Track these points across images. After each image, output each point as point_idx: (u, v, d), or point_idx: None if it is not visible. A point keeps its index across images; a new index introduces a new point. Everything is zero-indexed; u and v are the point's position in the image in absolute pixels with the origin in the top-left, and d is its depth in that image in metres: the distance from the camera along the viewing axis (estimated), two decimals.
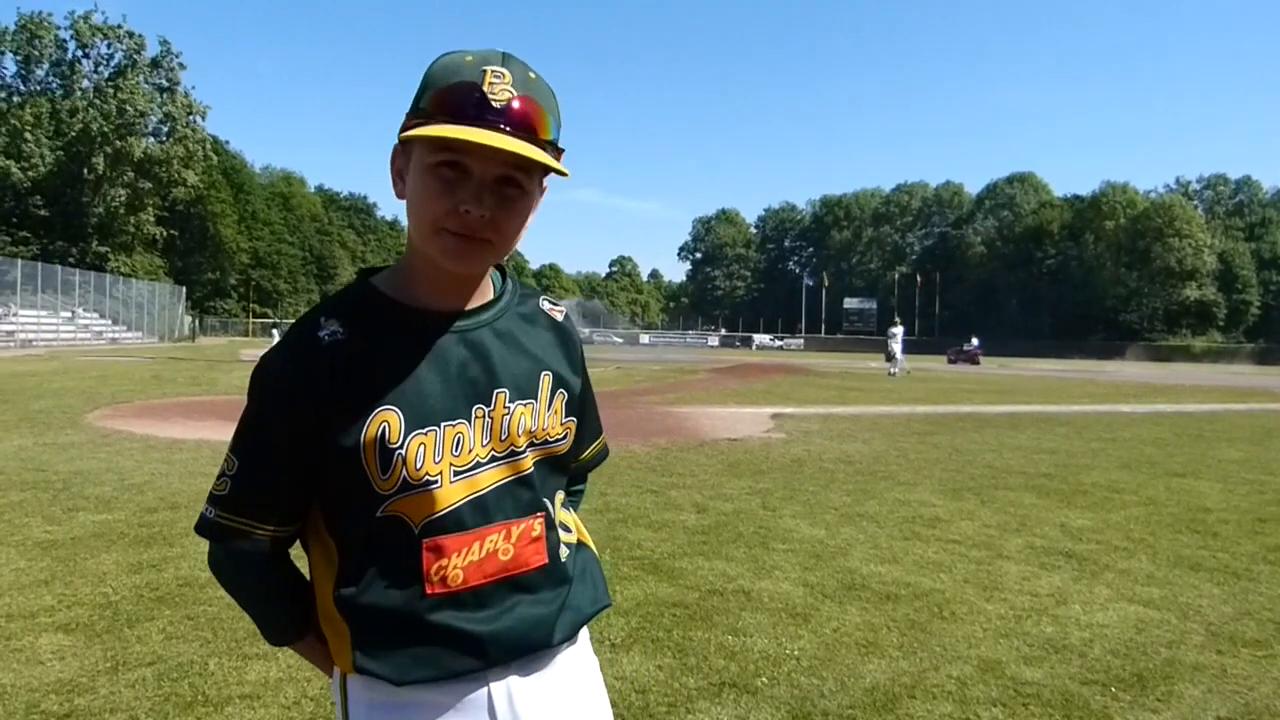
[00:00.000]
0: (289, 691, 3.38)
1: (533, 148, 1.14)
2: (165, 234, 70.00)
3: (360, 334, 1.22)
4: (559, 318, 1.41)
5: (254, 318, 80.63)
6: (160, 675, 3.49)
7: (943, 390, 23.59)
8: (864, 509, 7.06)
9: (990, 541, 6.08)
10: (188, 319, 64.83)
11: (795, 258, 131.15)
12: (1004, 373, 38.62)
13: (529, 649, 1.27)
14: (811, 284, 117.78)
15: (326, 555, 1.29)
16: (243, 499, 1.25)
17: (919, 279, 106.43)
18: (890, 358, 31.66)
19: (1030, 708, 3.41)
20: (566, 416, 1.35)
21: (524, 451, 1.28)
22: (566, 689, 1.34)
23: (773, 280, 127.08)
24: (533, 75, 1.18)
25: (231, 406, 13.93)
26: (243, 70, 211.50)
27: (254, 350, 42.94)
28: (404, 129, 1.17)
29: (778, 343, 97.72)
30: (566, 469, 1.41)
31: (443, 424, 1.22)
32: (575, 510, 1.50)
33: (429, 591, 1.21)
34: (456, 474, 1.22)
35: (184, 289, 66.27)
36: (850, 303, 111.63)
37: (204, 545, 4.38)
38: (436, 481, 1.21)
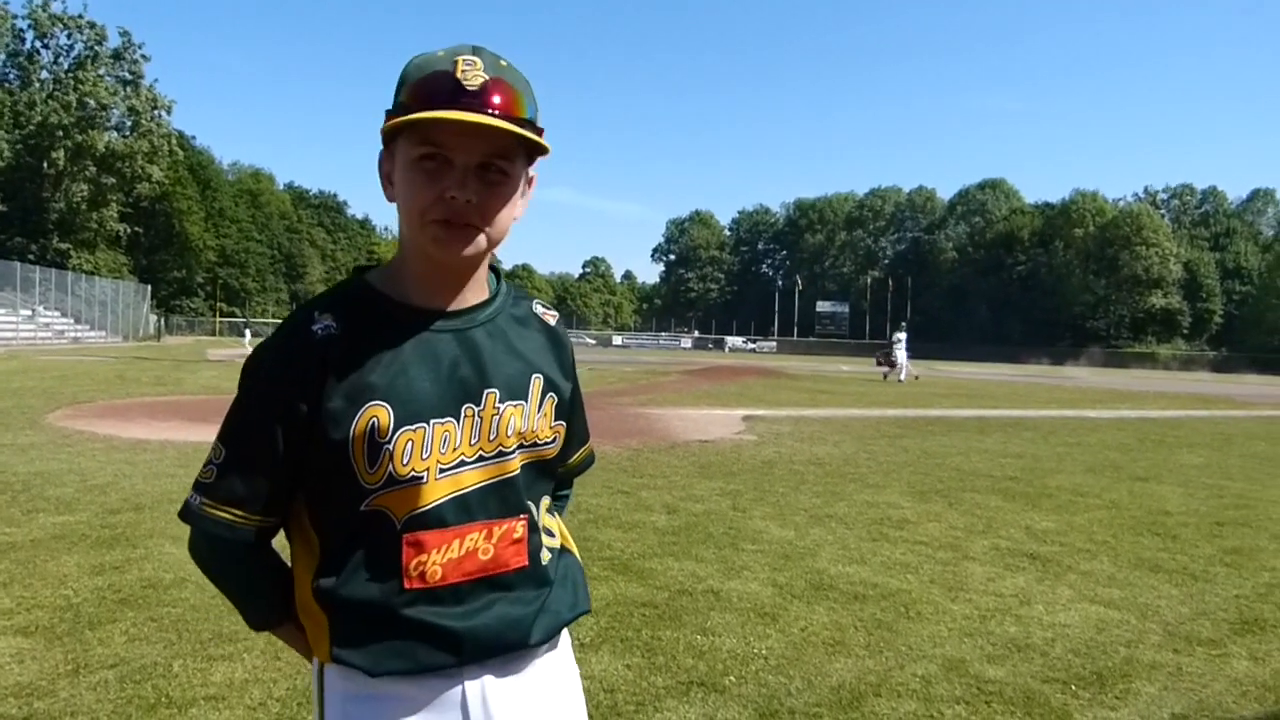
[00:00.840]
0: (255, 692, 3.35)
1: (505, 122, 1.16)
2: (129, 231, 68.90)
3: (353, 329, 1.24)
4: (551, 322, 1.44)
5: (221, 317, 79.70)
6: (123, 678, 3.45)
7: (912, 394, 23.77)
8: (833, 510, 7.11)
9: (956, 543, 6.14)
10: (153, 318, 63.75)
11: (768, 260, 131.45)
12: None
13: (505, 648, 1.28)
14: (784, 287, 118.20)
15: (308, 547, 1.30)
16: (228, 488, 1.25)
17: (891, 283, 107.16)
18: (892, 363, 30.31)
19: (993, 705, 3.45)
20: (556, 420, 1.37)
21: (512, 453, 1.30)
22: (542, 693, 1.34)
23: (746, 283, 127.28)
24: (503, 63, 1.21)
25: (198, 407, 13.80)
26: (210, 65, 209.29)
27: (221, 350, 42.51)
28: (384, 129, 1.21)
29: (750, 345, 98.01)
30: (554, 473, 1.43)
31: (432, 421, 1.23)
32: (561, 515, 1.53)
33: (407, 586, 1.22)
34: (442, 471, 1.23)
35: (149, 287, 65.17)
36: (823, 306, 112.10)
37: (169, 547, 4.37)
38: (422, 478, 1.22)
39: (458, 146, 1.17)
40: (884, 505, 7.41)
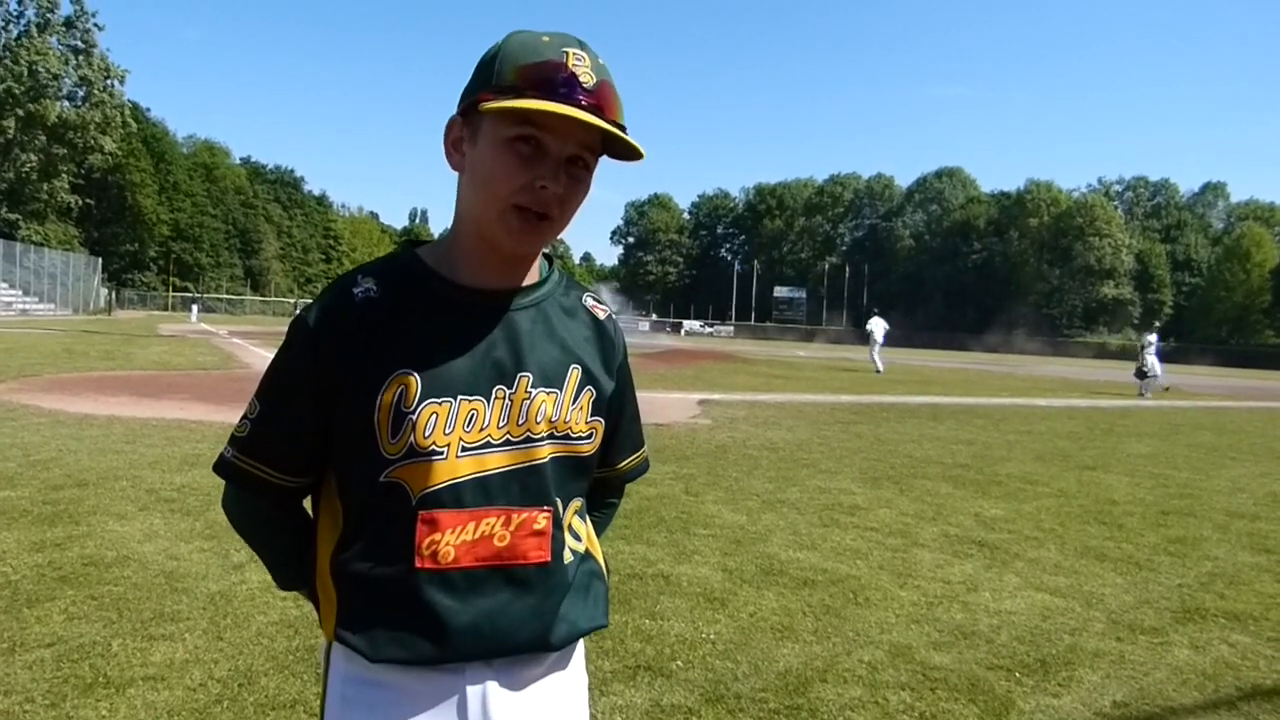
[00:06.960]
0: (195, 673, 3.30)
1: (614, 128, 1.16)
2: (80, 202, 67.39)
3: (394, 296, 1.23)
4: (601, 316, 1.40)
5: (174, 292, 78.26)
6: (60, 657, 3.38)
7: (866, 381, 23.98)
8: (785, 496, 7.15)
9: (906, 529, 6.20)
10: (104, 291, 62.36)
11: (727, 245, 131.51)
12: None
13: (512, 649, 1.25)
14: (742, 271, 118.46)
15: (332, 518, 1.28)
16: (259, 444, 1.27)
17: (848, 270, 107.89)
18: (1144, 374, 24.36)
19: (937, 692, 3.48)
20: (592, 415, 1.32)
21: (541, 440, 1.26)
22: (543, 710, 1.30)
23: (704, 267, 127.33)
24: (601, 61, 1.20)
25: (147, 382, 13.55)
26: (165, 36, 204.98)
27: (173, 325, 41.78)
28: (478, 101, 1.15)
29: (708, 329, 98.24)
30: (589, 473, 1.38)
31: (459, 397, 1.21)
32: (608, 524, 1.56)
33: (418, 565, 1.19)
34: (465, 449, 1.21)
35: (100, 260, 63.71)
36: (780, 291, 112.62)
37: (112, 524, 4.29)
38: (442, 453, 1.19)
39: (557, 137, 1.15)
40: (836, 491, 7.47)
